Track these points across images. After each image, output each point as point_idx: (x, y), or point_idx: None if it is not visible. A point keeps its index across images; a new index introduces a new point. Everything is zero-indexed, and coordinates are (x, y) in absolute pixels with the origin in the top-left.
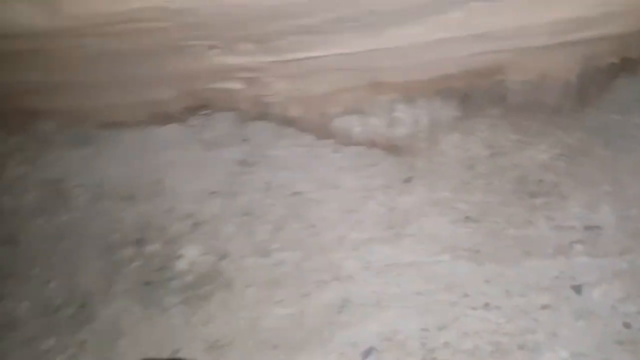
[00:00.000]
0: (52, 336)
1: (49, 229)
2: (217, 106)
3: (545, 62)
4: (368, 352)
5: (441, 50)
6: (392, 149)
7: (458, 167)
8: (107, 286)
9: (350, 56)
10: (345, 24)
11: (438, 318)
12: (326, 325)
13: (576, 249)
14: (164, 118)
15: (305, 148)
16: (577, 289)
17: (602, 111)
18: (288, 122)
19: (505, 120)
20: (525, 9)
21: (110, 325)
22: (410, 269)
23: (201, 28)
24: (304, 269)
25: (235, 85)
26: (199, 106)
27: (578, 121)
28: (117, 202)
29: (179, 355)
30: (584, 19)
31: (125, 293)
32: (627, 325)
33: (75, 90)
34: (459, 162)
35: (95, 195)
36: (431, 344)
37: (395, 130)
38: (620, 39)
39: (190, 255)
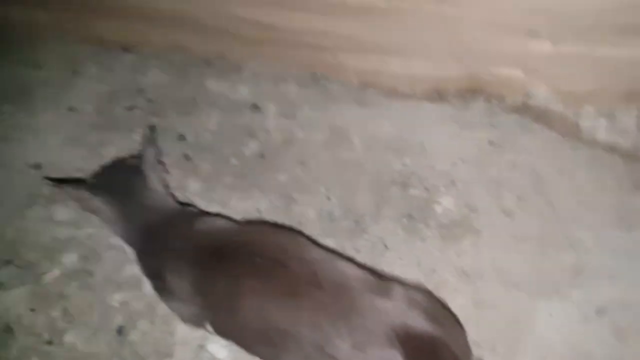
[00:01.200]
0: (332, 237)
1: (332, 161)
2: (485, 91)
3: None
4: (602, 309)
5: None
6: (630, 157)
7: None
8: (377, 212)
9: (629, 59)
10: None
11: None
12: (562, 281)
13: None
14: (435, 95)
15: (548, 141)
16: None
17: None
18: (539, 115)
19: None
20: None
21: (379, 240)
22: None
23: (539, 14)
24: (543, 234)
25: (516, 73)
26: (470, 89)
27: None
28: (387, 152)
29: (435, 275)
30: None
31: (391, 219)
32: None
33: (378, 54)
34: None
35: (370, 145)
36: None
37: (637, 140)
38: None
39: (446, 204)
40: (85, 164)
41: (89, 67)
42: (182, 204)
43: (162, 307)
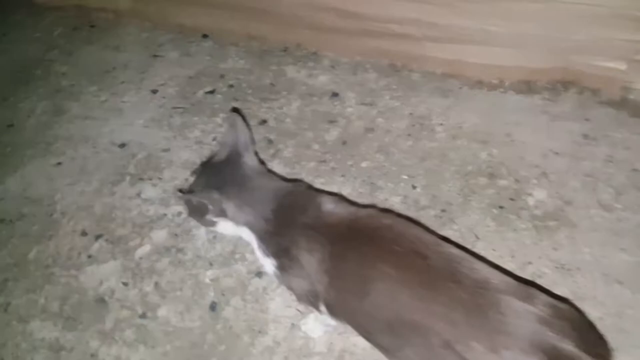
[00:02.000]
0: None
1: (414, 150)
2: (578, 84)
3: None
4: None
5: None
6: None
7: None
8: (465, 202)
9: None
10: None
11: None
12: None
13: None
14: (523, 87)
15: None
16: None
17: None
18: (637, 110)
19: None
20: None
21: (468, 230)
22: None
23: None
24: None
25: (618, 66)
26: (561, 81)
27: None
28: (472, 142)
29: (530, 267)
30: None
31: (480, 210)
32: None
33: (465, 44)
34: None
35: (453, 134)
36: None
37: None
38: None
39: (538, 195)
40: (170, 145)
41: (169, 52)
42: (289, 180)
43: (253, 285)
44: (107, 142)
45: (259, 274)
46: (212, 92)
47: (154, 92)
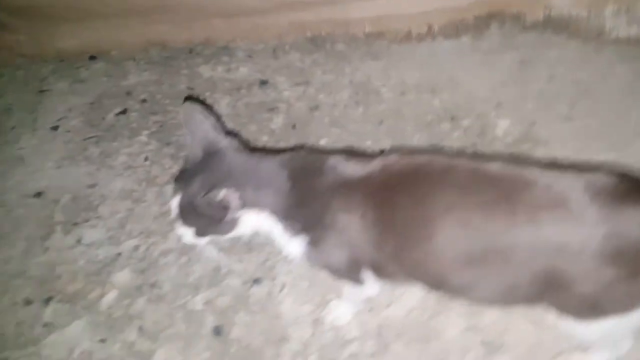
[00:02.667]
0: None
1: (368, 116)
2: (500, 15)
3: None
4: None
5: None
6: None
7: None
8: (438, 148)
9: None
10: None
11: None
12: None
13: None
14: (451, 30)
15: (574, 49)
16: None
17: None
18: (560, 27)
19: None
20: None
21: None
22: None
23: None
24: (607, 130)
25: None
26: (485, 15)
27: None
28: (422, 94)
29: None
30: None
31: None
32: None
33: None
34: None
35: (400, 91)
36: None
37: None
38: None
39: (503, 125)
40: (95, 179)
41: (56, 84)
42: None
43: (255, 294)
44: (18, 196)
45: (257, 280)
46: (123, 112)
47: (55, 128)
